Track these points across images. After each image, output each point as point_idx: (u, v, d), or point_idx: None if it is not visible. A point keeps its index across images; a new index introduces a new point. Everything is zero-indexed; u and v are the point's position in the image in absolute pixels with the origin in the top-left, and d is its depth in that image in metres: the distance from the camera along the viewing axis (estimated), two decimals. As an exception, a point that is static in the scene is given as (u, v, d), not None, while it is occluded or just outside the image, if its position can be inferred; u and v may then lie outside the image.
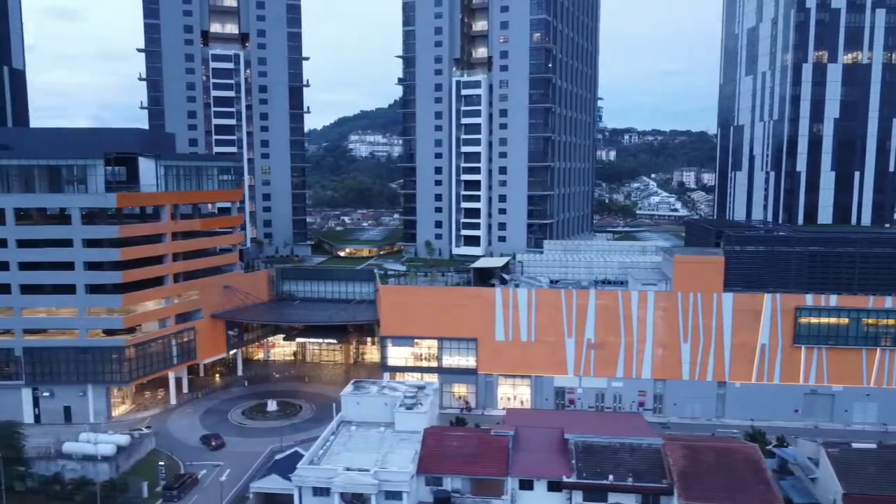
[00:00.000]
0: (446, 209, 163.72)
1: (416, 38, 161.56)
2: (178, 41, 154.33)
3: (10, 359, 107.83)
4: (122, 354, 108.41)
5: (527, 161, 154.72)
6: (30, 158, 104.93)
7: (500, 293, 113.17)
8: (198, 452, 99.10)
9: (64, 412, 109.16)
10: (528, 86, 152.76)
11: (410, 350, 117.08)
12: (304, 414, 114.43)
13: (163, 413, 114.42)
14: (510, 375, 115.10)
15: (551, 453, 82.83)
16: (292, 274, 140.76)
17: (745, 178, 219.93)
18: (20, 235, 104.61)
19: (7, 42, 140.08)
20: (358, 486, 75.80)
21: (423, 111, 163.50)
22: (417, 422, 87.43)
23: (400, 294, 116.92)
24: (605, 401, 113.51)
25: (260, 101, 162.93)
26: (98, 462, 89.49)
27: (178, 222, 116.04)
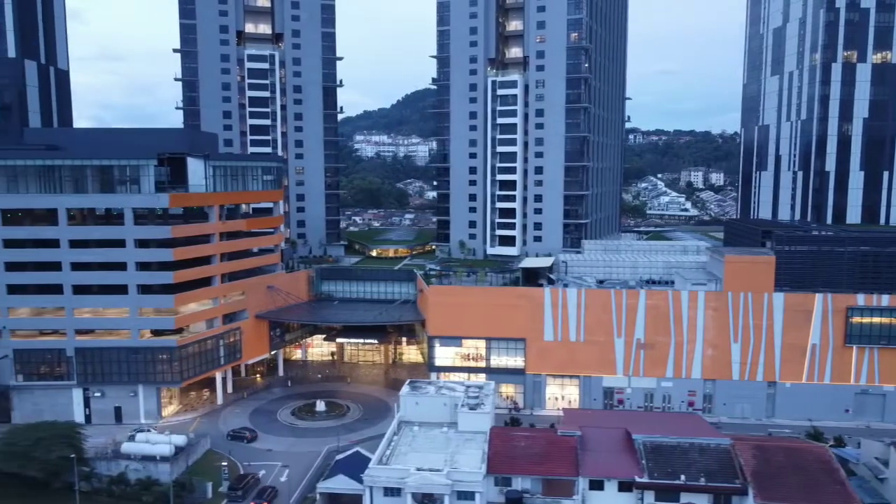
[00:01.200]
0: (480, 209, 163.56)
1: (450, 38, 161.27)
2: (213, 41, 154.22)
3: (61, 359, 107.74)
4: (174, 355, 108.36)
5: (563, 161, 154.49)
6: (79, 159, 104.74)
7: (550, 293, 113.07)
8: (254, 453, 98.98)
9: (114, 412, 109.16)
10: (564, 86, 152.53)
11: (458, 350, 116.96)
12: (353, 414, 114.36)
13: (210, 413, 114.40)
14: (558, 375, 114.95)
15: (618, 453, 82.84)
16: (331, 274, 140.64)
17: (771, 178, 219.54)
18: (73, 236, 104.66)
19: (53, 43, 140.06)
20: (431, 487, 75.88)
21: (457, 111, 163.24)
22: (481, 422, 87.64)
23: (448, 294, 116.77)
24: (654, 401, 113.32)
25: (294, 102, 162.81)
26: (158, 462, 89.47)
27: (225, 223, 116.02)
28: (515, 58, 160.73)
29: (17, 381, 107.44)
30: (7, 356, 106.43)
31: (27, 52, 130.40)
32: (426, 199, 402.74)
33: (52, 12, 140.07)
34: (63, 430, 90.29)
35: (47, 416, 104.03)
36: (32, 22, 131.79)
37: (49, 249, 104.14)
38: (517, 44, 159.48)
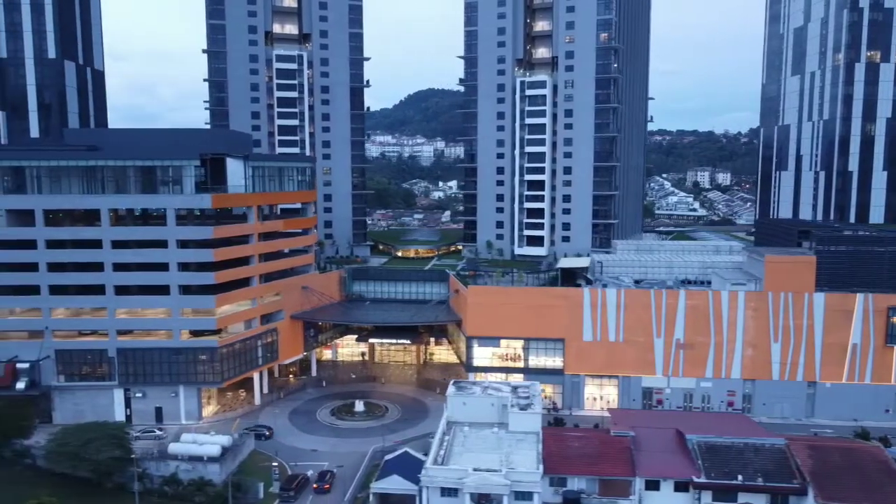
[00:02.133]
0: (508, 209, 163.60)
1: (477, 39, 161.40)
2: (242, 42, 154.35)
3: (102, 360, 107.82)
4: (215, 355, 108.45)
5: (593, 161, 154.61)
6: (121, 159, 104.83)
7: (589, 293, 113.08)
8: (299, 453, 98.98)
9: (155, 413, 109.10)
10: (594, 86, 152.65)
11: (496, 350, 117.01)
12: (392, 415, 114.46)
13: (249, 414, 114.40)
14: (597, 376, 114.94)
15: (671, 453, 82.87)
16: (363, 275, 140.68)
17: (792, 178, 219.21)
18: (116, 236, 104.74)
19: (90, 44, 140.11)
20: (490, 487, 75.90)
21: (484, 112, 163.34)
22: (532, 422, 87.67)
23: (487, 295, 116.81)
24: (694, 401, 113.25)
25: (322, 102, 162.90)
26: (208, 463, 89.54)
27: (263, 223, 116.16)
28: (542, 58, 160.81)
29: (59, 382, 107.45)
30: (49, 357, 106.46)
31: (66, 53, 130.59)
32: (433, 199, 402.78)
33: (90, 13, 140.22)
34: (112, 431, 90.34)
35: (88, 417, 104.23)
36: (71, 23, 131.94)
37: (91, 250, 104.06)
38: (544, 44, 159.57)
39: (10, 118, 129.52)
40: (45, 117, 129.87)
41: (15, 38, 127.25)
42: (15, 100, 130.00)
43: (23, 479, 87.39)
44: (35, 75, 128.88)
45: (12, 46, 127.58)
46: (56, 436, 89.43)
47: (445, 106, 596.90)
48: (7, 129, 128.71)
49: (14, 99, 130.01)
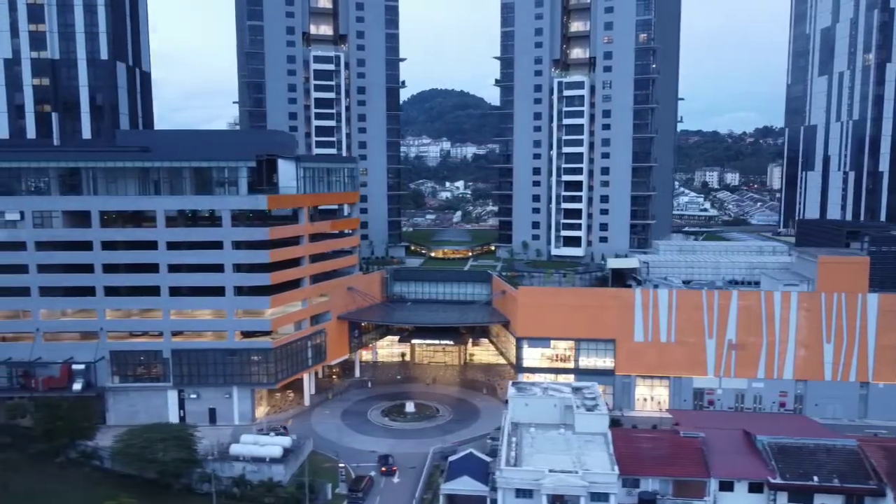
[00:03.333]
0: (544, 210, 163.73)
1: (514, 40, 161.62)
2: (280, 43, 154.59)
3: (157, 361, 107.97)
4: (269, 356, 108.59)
5: (631, 161, 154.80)
6: (173, 160, 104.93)
7: (640, 294, 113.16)
8: (358, 454, 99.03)
9: (209, 414, 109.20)
10: (632, 86, 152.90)
11: (546, 351, 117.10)
12: (443, 416, 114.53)
13: (300, 415, 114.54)
14: (648, 376, 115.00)
15: (742, 454, 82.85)
16: (404, 275, 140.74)
17: (819, 178, 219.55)
18: (171, 238, 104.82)
19: (139, 45, 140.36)
20: (567, 488, 75.88)
21: (521, 112, 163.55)
22: (599, 423, 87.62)
23: (537, 295, 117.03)
24: (745, 402, 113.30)
25: (358, 103, 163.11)
26: (272, 464, 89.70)
27: (314, 224, 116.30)
28: (578, 58, 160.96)
29: (113, 383, 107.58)
30: (104, 358, 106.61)
31: (118, 55, 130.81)
32: (441, 200, 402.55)
33: (139, 14, 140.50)
34: (177, 432, 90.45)
35: (141, 418, 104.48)
36: (122, 24, 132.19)
37: (148, 251, 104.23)
38: (581, 45, 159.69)
39: (62, 119, 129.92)
40: (97, 118, 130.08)
41: (67, 39, 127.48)
42: (67, 101, 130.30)
43: (92, 481, 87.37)
44: (87, 76, 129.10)
45: (65, 48, 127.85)
46: (122, 437, 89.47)
47: (449, 106, 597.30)
48: (60, 129, 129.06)
49: (66, 100, 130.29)
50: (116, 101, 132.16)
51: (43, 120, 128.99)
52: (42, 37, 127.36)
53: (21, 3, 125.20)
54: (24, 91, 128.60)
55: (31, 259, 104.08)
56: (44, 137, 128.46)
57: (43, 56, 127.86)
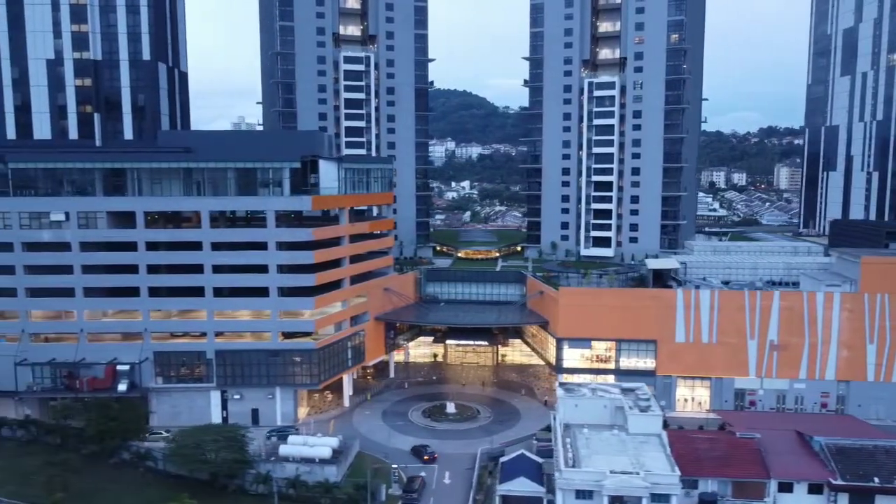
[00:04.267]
0: (573, 210, 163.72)
1: (543, 40, 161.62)
2: (311, 43, 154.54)
3: (201, 361, 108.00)
4: (312, 357, 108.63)
5: (662, 162, 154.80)
6: (217, 161, 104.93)
7: (682, 294, 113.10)
8: (403, 455, 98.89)
9: (251, 414, 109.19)
10: (663, 87, 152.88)
11: (586, 352, 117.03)
12: (485, 416, 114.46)
13: (341, 416, 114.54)
14: (689, 377, 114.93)
15: (799, 455, 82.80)
16: (437, 276, 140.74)
17: (841, 179, 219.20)
18: (216, 238, 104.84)
19: (177, 46, 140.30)
20: (629, 489, 75.76)
21: (550, 112, 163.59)
22: (653, 424, 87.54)
23: (578, 296, 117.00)
24: (787, 402, 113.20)
25: (387, 104, 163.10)
26: (324, 465, 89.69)
27: (353, 225, 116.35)
28: (607, 59, 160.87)
29: (157, 384, 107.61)
30: (148, 359, 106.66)
31: (159, 55, 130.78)
32: (448, 200, 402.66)
33: (177, 14, 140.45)
34: (228, 433, 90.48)
35: (184, 419, 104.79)
36: (163, 25, 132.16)
37: (192, 252, 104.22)
38: (610, 45, 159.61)
39: (104, 120, 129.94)
40: (139, 119, 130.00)
41: (110, 40, 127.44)
42: (109, 101, 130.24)
43: (145, 482, 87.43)
44: (129, 77, 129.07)
45: (107, 48, 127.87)
46: (175, 438, 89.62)
47: (452, 106, 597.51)
48: (102, 130, 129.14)
49: (108, 100, 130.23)
50: (158, 101, 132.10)
51: (85, 121, 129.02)
52: (85, 37, 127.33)
53: (64, 4, 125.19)
54: (66, 92, 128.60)
55: (75, 260, 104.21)
56: (86, 138, 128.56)
57: (85, 57, 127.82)
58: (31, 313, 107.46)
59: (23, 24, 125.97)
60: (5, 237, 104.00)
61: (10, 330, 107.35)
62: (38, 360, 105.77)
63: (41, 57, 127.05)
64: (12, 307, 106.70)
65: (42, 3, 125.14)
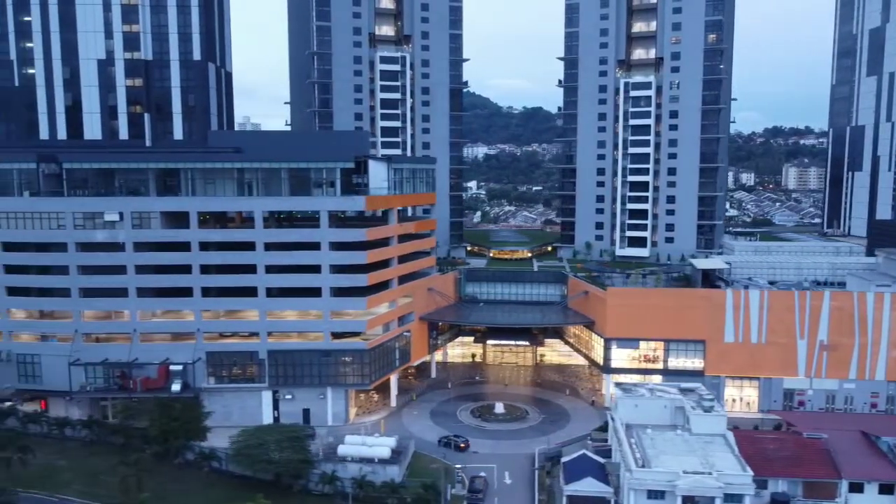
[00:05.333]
0: (608, 210, 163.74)
1: (578, 40, 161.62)
2: (347, 44, 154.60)
3: (253, 361, 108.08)
4: (364, 357, 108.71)
5: (698, 162, 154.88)
6: (268, 161, 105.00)
7: (731, 294, 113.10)
8: (462, 456, 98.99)
9: (303, 414, 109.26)
10: (700, 87, 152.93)
11: (634, 352, 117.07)
12: (534, 417, 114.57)
13: (390, 416, 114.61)
14: (737, 377, 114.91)
15: (867, 455, 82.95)
16: (476, 276, 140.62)
17: (867, 179, 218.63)
18: (269, 238, 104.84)
19: (224, 46, 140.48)
20: (703, 489, 75.88)
21: (584, 113, 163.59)
22: (717, 424, 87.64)
23: (626, 296, 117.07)
24: (836, 402, 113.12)
25: (422, 104, 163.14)
26: (387, 465, 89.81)
27: (402, 225, 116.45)
28: (641, 59, 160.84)
29: (209, 384, 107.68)
30: (200, 359, 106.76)
31: (208, 55, 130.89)
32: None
33: (224, 14, 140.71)
34: (291, 433, 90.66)
35: (236, 419, 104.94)
36: (212, 25, 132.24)
37: (245, 253, 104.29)
38: (647, 45, 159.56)
39: (153, 120, 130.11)
40: (189, 119, 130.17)
41: (161, 40, 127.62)
42: (159, 101, 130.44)
43: (209, 482, 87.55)
44: (180, 77, 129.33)
45: (158, 48, 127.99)
46: (237, 438, 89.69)
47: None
48: (152, 130, 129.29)
49: (158, 101, 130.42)
50: (208, 102, 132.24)
51: (135, 121, 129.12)
52: (136, 37, 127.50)
53: (115, 4, 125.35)
54: (117, 92, 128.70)
55: (129, 260, 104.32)
56: (136, 138, 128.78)
57: (136, 57, 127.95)
58: (84, 313, 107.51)
59: (74, 25, 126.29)
60: (60, 237, 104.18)
61: (63, 330, 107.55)
62: (92, 361, 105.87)
63: (92, 57, 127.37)
64: (66, 307, 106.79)
65: (94, 3, 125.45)
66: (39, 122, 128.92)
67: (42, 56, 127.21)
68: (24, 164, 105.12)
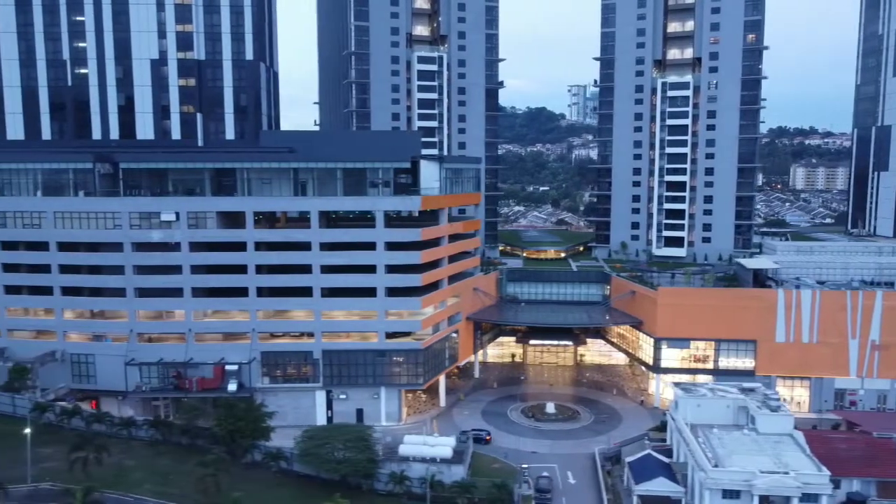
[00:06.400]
0: (644, 210, 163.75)
1: (615, 40, 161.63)
2: (385, 44, 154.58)
3: (307, 361, 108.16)
4: (419, 357, 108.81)
5: (737, 162, 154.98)
6: (318, 161, 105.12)
7: (783, 294, 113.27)
8: (518, 455, 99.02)
9: (356, 414, 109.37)
10: (739, 87, 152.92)
11: (684, 352, 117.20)
12: (586, 416, 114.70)
13: (441, 416, 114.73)
14: (788, 377, 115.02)
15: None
16: (517, 276, 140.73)
17: (894, 179, 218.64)
18: (324, 238, 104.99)
19: (272, 45, 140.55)
20: (781, 489, 75.98)
21: (621, 113, 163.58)
22: (785, 424, 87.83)
23: (678, 296, 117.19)
24: (888, 402, 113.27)
25: (459, 104, 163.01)
26: (452, 464, 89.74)
27: (451, 225, 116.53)
28: (679, 59, 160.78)
29: (263, 384, 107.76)
30: (255, 359, 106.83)
31: (260, 55, 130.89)
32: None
33: (272, 14, 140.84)
34: (357, 433, 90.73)
35: (290, 419, 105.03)
36: (263, 25, 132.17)
37: (300, 252, 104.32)
38: (684, 44, 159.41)
39: (205, 120, 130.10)
40: (241, 119, 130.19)
41: (213, 40, 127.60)
42: (211, 101, 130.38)
43: (276, 482, 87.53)
44: (232, 77, 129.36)
45: (210, 48, 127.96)
46: (304, 438, 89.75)
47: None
48: (203, 130, 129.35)
49: (210, 101, 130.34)
50: (260, 101, 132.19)
51: (187, 120, 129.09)
52: (189, 37, 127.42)
53: (169, 4, 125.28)
54: (169, 92, 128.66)
55: (185, 260, 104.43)
56: (188, 138, 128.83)
57: (189, 57, 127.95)
58: (138, 313, 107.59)
59: (128, 24, 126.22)
60: (116, 237, 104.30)
61: (119, 330, 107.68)
62: (147, 360, 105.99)
63: (145, 57, 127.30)
64: (122, 307, 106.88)
65: (147, 3, 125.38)
66: (92, 122, 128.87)
67: (95, 56, 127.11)
68: (80, 164, 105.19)
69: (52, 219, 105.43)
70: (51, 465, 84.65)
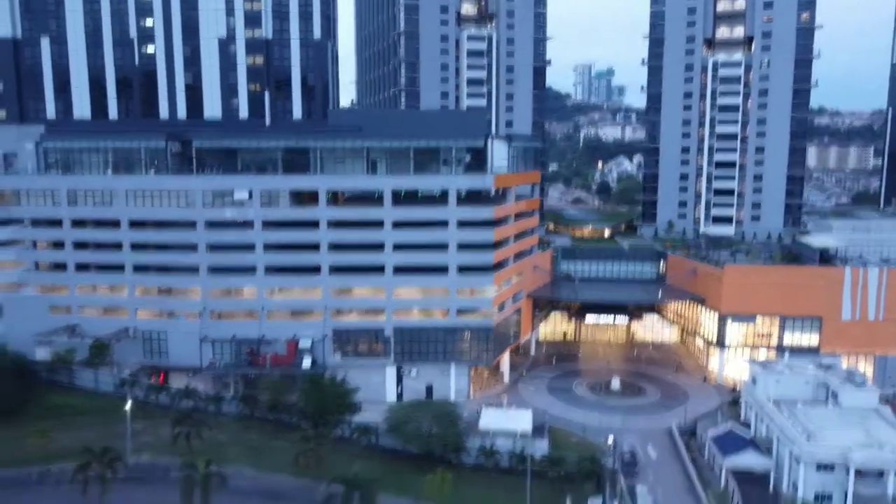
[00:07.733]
0: (692, 189, 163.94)
1: (665, 20, 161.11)
2: (435, 23, 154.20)
3: (378, 338, 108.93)
4: (489, 334, 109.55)
5: (788, 141, 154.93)
6: (386, 140, 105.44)
7: (850, 272, 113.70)
8: (593, 430, 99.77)
9: (426, 390, 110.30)
10: (793, 66, 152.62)
11: (748, 329, 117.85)
12: (651, 393, 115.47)
13: (506, 392, 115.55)
14: (852, 354, 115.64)
15: None
16: (570, 254, 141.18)
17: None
18: (397, 217, 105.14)
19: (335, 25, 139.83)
20: (879, 463, 76.98)
21: (669, 92, 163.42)
22: (869, 399, 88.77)
23: (745, 274, 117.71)
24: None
25: (507, 82, 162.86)
26: (537, 438, 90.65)
27: (518, 203, 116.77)
28: (729, 37, 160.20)
29: (335, 360, 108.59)
30: (327, 335, 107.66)
31: (327, 34, 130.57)
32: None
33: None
34: (441, 408, 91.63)
35: (361, 394, 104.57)
36: (328, 3, 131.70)
37: (374, 230, 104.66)
38: (735, 23, 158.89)
39: (273, 98, 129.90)
40: (308, 98, 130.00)
41: (281, 18, 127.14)
42: (279, 80, 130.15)
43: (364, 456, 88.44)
44: (299, 56, 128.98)
45: (278, 27, 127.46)
46: (391, 414, 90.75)
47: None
48: (271, 109, 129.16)
49: (278, 79, 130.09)
50: (327, 80, 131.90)
51: (255, 99, 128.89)
52: (257, 16, 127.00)
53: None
54: (237, 70, 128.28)
55: (258, 238, 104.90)
56: (255, 117, 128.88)
57: (257, 35, 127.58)
58: (211, 291, 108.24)
59: (196, 2, 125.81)
60: (190, 215, 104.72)
61: (192, 307, 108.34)
62: (220, 337, 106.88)
63: (213, 36, 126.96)
64: (195, 285, 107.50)
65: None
66: (159, 101, 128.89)
67: (163, 34, 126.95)
68: (153, 142, 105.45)
69: (123, 197, 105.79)
70: (145, 440, 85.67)
